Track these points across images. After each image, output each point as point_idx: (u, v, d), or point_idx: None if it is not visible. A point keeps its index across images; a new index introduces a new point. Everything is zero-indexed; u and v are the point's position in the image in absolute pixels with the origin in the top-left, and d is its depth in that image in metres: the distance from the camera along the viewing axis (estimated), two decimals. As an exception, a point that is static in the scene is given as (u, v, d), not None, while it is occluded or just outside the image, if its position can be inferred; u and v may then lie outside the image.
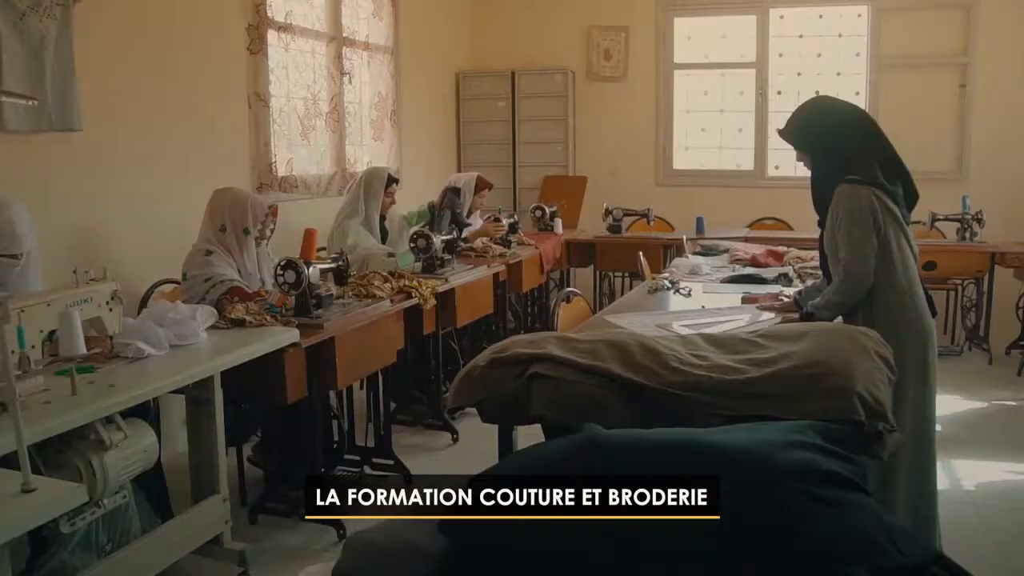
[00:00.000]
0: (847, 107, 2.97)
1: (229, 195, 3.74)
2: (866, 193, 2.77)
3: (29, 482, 1.85)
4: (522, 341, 2.13)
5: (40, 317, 2.39)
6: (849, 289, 2.79)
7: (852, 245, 2.76)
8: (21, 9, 3.56)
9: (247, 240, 3.69)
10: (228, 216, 3.67)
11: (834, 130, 2.85)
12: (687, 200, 7.22)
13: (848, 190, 2.78)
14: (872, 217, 2.76)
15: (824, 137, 2.85)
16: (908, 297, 2.81)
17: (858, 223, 2.75)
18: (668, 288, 3.91)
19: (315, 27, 5.66)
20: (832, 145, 2.84)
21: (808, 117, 2.92)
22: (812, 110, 2.95)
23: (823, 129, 2.86)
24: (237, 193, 3.76)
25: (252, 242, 3.71)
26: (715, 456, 1.48)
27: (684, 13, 7.55)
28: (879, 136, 2.89)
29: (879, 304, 2.79)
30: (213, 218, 3.70)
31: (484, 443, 4.31)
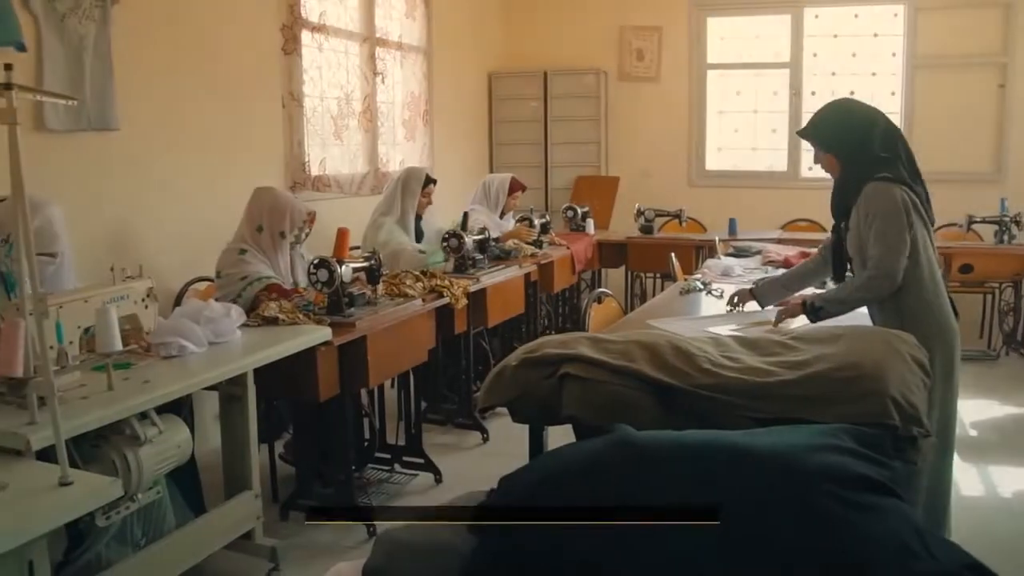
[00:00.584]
0: (871, 108, 2.93)
1: (269, 197, 3.76)
2: (898, 191, 2.73)
3: (67, 475, 1.88)
4: (553, 341, 2.14)
5: (77, 313, 2.43)
6: (877, 287, 2.73)
7: (887, 241, 2.70)
8: (61, 11, 3.61)
9: (282, 243, 3.71)
10: (266, 218, 3.69)
11: (862, 130, 2.81)
12: (720, 201, 7.18)
13: (880, 187, 2.74)
14: (906, 214, 2.73)
15: (853, 137, 2.82)
16: (936, 298, 2.78)
17: (892, 220, 2.70)
18: (700, 289, 3.89)
19: (348, 27, 5.70)
20: (862, 145, 2.80)
21: (835, 117, 2.89)
22: (838, 110, 2.92)
23: (852, 129, 2.83)
24: (277, 196, 3.78)
25: (287, 245, 3.74)
26: (746, 458, 1.47)
27: (718, 13, 7.50)
28: (901, 136, 2.87)
29: (908, 305, 2.74)
30: (251, 217, 3.73)
31: (514, 443, 4.32)
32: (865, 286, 2.76)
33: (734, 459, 1.47)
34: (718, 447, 1.51)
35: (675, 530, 1.37)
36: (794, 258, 4.63)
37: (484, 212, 5.49)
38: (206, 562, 2.96)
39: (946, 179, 6.57)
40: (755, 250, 5.14)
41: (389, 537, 1.63)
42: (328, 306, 3.39)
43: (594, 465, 1.48)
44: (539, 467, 1.63)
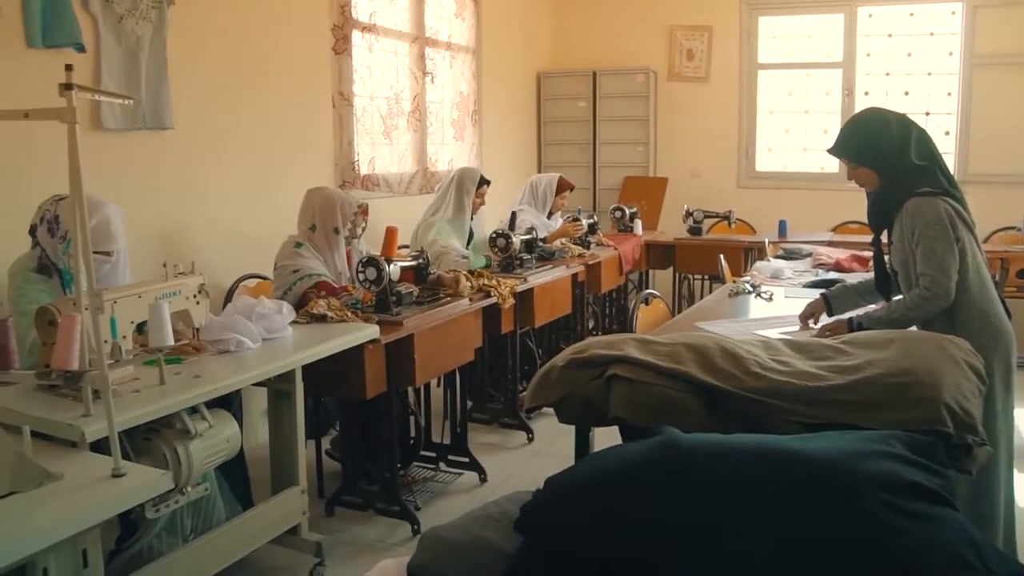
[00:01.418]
0: (901, 115, 2.80)
1: (320, 195, 3.80)
2: (941, 204, 2.64)
3: (119, 467, 1.92)
4: (601, 342, 2.13)
5: (131, 309, 2.46)
6: (930, 307, 2.65)
7: (936, 259, 2.63)
8: (119, 13, 3.68)
9: (337, 239, 3.74)
10: (318, 216, 3.73)
11: (898, 139, 2.70)
12: (769, 202, 7.10)
13: (923, 203, 2.65)
14: (951, 229, 2.64)
15: (889, 148, 2.71)
16: (988, 303, 2.70)
17: (939, 237, 2.62)
18: (749, 292, 3.85)
19: (398, 27, 5.73)
20: (898, 155, 2.70)
21: (866, 129, 2.77)
22: (869, 122, 2.79)
23: (887, 140, 2.71)
24: (327, 193, 3.82)
25: (342, 241, 3.77)
26: (795, 463, 1.45)
27: (769, 12, 7.41)
28: (932, 141, 2.77)
29: (960, 318, 2.66)
30: (304, 218, 3.77)
31: (559, 443, 4.35)
32: (918, 306, 2.68)
33: (783, 464, 1.45)
34: (767, 451, 1.49)
35: (722, 535, 1.36)
36: (845, 260, 4.56)
37: (532, 212, 5.49)
38: (253, 555, 3.00)
39: (1004, 181, 6.46)
40: (806, 252, 5.07)
41: (434, 535, 1.64)
42: (376, 304, 3.42)
43: (641, 467, 1.47)
44: (585, 468, 1.62)
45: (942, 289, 2.63)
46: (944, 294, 2.64)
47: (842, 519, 1.35)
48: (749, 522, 1.36)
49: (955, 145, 6.82)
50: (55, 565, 1.80)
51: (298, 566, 3.15)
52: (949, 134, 6.87)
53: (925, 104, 6.98)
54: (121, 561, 2.63)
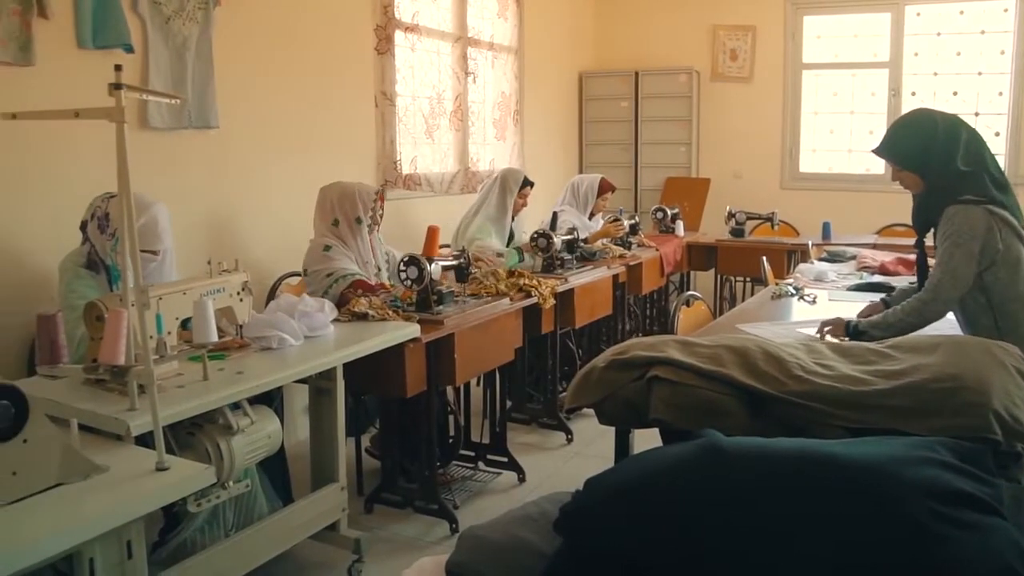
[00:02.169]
0: (952, 117, 2.73)
1: (336, 189, 3.84)
2: (980, 213, 2.58)
3: (163, 461, 1.94)
4: (642, 344, 2.11)
5: (176, 305, 2.50)
6: (928, 312, 2.61)
7: (950, 267, 2.58)
8: (167, 14, 3.74)
9: (360, 229, 3.79)
10: (338, 209, 3.78)
11: (945, 143, 2.64)
12: (813, 204, 7.02)
13: (960, 211, 2.60)
14: (984, 240, 2.57)
15: (936, 152, 2.65)
16: None
17: (960, 246, 2.57)
18: (792, 294, 3.81)
19: (441, 27, 5.75)
20: (945, 160, 2.64)
21: (914, 131, 2.71)
22: (917, 124, 2.73)
23: (934, 143, 2.65)
24: (342, 186, 3.86)
25: (365, 230, 3.80)
26: (839, 469, 1.43)
27: (814, 11, 7.33)
28: (985, 144, 2.70)
29: (1011, 321, 2.61)
30: (324, 214, 3.81)
31: (598, 444, 4.34)
32: (916, 310, 2.63)
33: (826, 469, 1.43)
34: (809, 456, 1.47)
35: (763, 540, 1.34)
36: (891, 264, 4.49)
37: (573, 213, 5.48)
38: (292, 551, 3.02)
39: (1056, 184, 6.32)
40: (850, 255, 5.01)
41: (472, 534, 1.64)
42: (417, 303, 3.43)
43: (682, 470, 1.46)
44: (626, 470, 1.61)
45: (946, 296, 2.60)
46: (946, 300, 2.60)
47: (887, 527, 1.32)
48: (791, 528, 1.35)
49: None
50: (100, 555, 1.83)
51: (337, 562, 3.17)
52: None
53: (975, 104, 6.86)
54: (164, 553, 2.67)
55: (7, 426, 1.70)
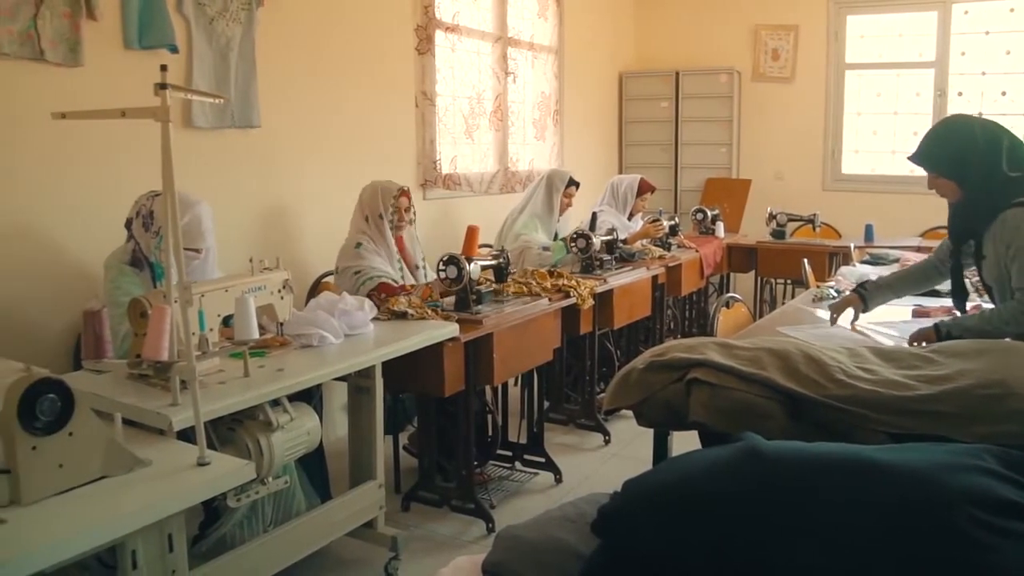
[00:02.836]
0: (990, 123, 2.66)
1: (367, 189, 3.94)
2: None
3: (204, 456, 1.96)
4: (681, 346, 2.10)
5: (218, 302, 2.52)
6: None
7: None
8: (210, 15, 3.78)
9: (382, 224, 3.85)
10: (367, 207, 3.88)
11: (987, 150, 2.58)
12: (856, 206, 6.94)
13: (1020, 215, 2.55)
14: None
15: (978, 160, 2.59)
16: None
17: None
18: (833, 297, 3.75)
19: (481, 27, 5.76)
20: (990, 167, 2.58)
21: (953, 139, 2.66)
22: (955, 131, 2.68)
23: (975, 151, 2.59)
24: (372, 185, 3.95)
25: (387, 226, 3.85)
26: (881, 475, 1.40)
27: (858, 11, 7.23)
28: None
29: None
30: (360, 210, 3.91)
31: (636, 446, 4.32)
32: (1017, 320, 2.56)
33: (868, 475, 1.41)
34: (851, 462, 1.45)
35: (803, 546, 1.33)
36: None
37: (612, 213, 5.47)
38: (329, 547, 3.05)
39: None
40: (893, 258, 4.94)
41: (510, 534, 1.64)
42: (456, 302, 3.44)
43: (721, 473, 1.44)
44: (664, 472, 1.60)
45: None
46: None
47: (931, 535, 1.30)
48: (831, 535, 1.33)
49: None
50: (143, 547, 1.86)
51: (373, 559, 3.18)
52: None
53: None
54: (204, 547, 2.70)
55: (54, 419, 1.73)
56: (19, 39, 3.07)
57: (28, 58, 3.12)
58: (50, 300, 3.25)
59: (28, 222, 3.21)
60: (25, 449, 1.70)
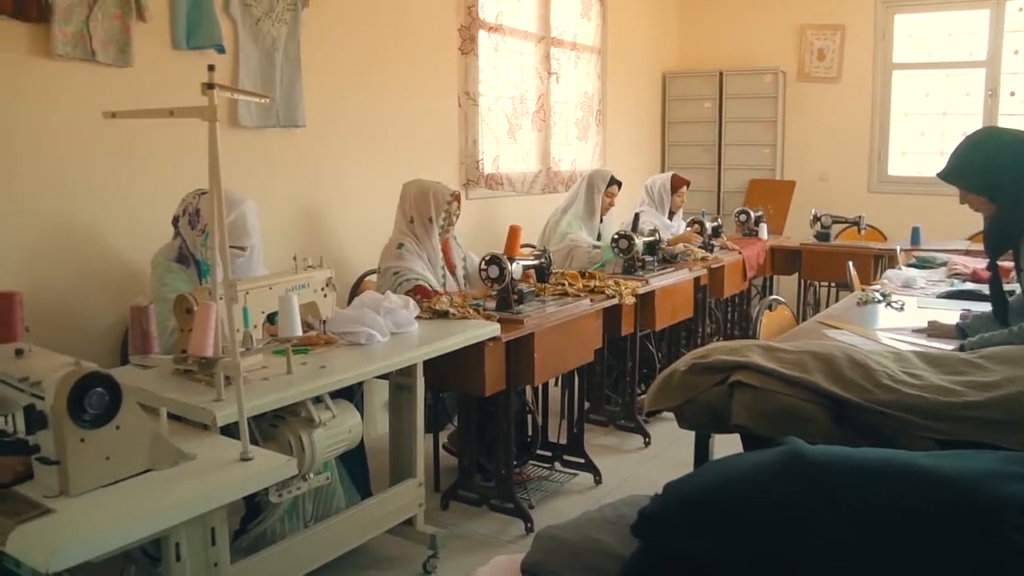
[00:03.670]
0: (1019, 133, 2.59)
1: (414, 187, 3.89)
2: None
3: (247, 451, 1.99)
4: (724, 348, 2.08)
5: (262, 300, 2.55)
6: None
7: None
8: (257, 15, 3.83)
9: (431, 229, 3.83)
10: (414, 207, 3.83)
11: (1018, 162, 2.51)
12: (902, 208, 6.84)
13: None
14: None
15: (1010, 174, 2.52)
16: None
17: None
18: (879, 301, 3.71)
19: (524, 28, 5.76)
20: (1021, 180, 2.51)
21: (982, 154, 2.59)
22: (984, 146, 2.61)
23: (1007, 165, 2.52)
24: (421, 184, 3.90)
25: (435, 230, 3.84)
26: (927, 482, 1.38)
27: (907, 9, 7.12)
28: None
29: None
30: (403, 210, 3.89)
31: (676, 449, 4.29)
32: None
33: (914, 482, 1.38)
34: (896, 468, 1.43)
35: (846, 552, 1.31)
36: (983, 271, 4.34)
37: (653, 214, 5.45)
38: (369, 544, 3.06)
39: None
40: (940, 261, 4.86)
41: (549, 534, 1.63)
42: (498, 302, 3.45)
43: (764, 477, 1.43)
44: (706, 475, 1.59)
45: None
46: None
47: (978, 544, 1.28)
48: (876, 541, 1.31)
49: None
50: (186, 540, 1.88)
51: (412, 557, 3.20)
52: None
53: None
54: (245, 541, 2.73)
55: (101, 413, 1.76)
56: (72, 41, 3.13)
57: (80, 59, 3.17)
58: (99, 296, 3.31)
59: (78, 219, 3.27)
60: (74, 441, 1.73)
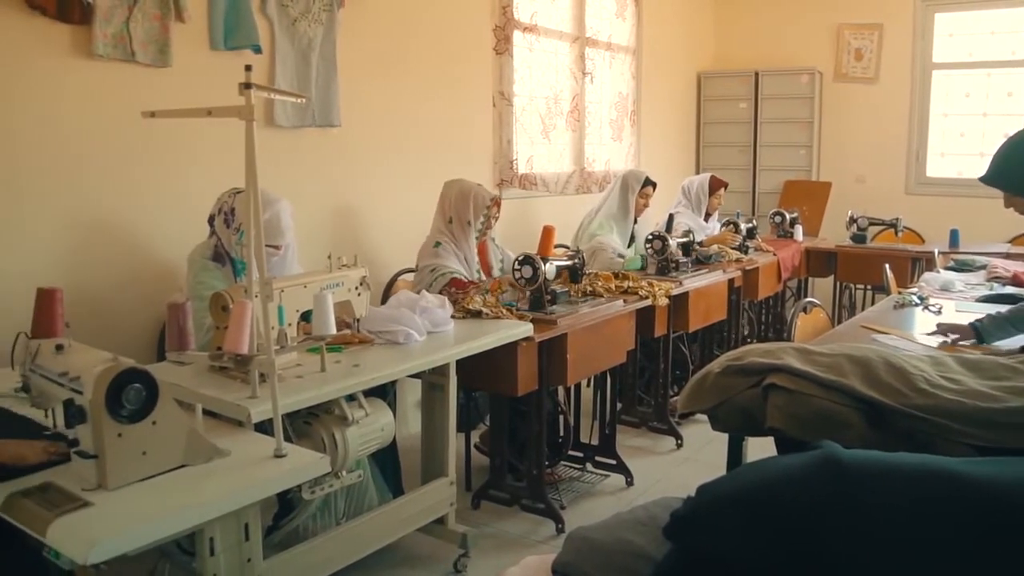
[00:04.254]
0: None
1: (455, 187, 3.91)
2: None
3: (281, 448, 2.00)
4: (759, 350, 2.07)
5: (297, 298, 2.57)
6: None
7: None
8: (293, 15, 3.86)
9: (469, 231, 3.85)
10: (454, 208, 3.86)
11: None
12: (940, 210, 6.75)
13: None
14: None
15: None
16: None
17: None
18: (916, 304, 3.65)
19: (559, 28, 5.76)
20: None
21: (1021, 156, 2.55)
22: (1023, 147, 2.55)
23: None
24: (463, 185, 3.92)
25: (472, 233, 3.86)
26: (965, 489, 1.36)
27: (947, 8, 7.01)
28: None
29: None
30: (443, 209, 3.91)
31: (709, 451, 4.27)
32: None
33: (951, 489, 1.36)
34: (934, 474, 1.41)
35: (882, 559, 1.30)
36: (1024, 274, 4.27)
37: (688, 215, 5.43)
38: (400, 542, 3.08)
39: None
40: (979, 264, 4.78)
41: (580, 535, 1.63)
42: (531, 302, 3.44)
43: (798, 482, 1.42)
44: (740, 478, 1.57)
45: None
46: None
47: (1015, 553, 1.26)
48: (912, 549, 1.29)
49: None
50: (220, 535, 1.90)
51: (443, 556, 3.21)
52: None
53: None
54: (277, 538, 2.75)
55: (139, 408, 1.78)
56: (113, 41, 3.18)
57: (120, 59, 3.22)
58: (137, 293, 3.35)
59: (118, 217, 3.31)
60: (112, 436, 1.75)
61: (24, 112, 3.01)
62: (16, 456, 1.86)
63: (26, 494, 1.75)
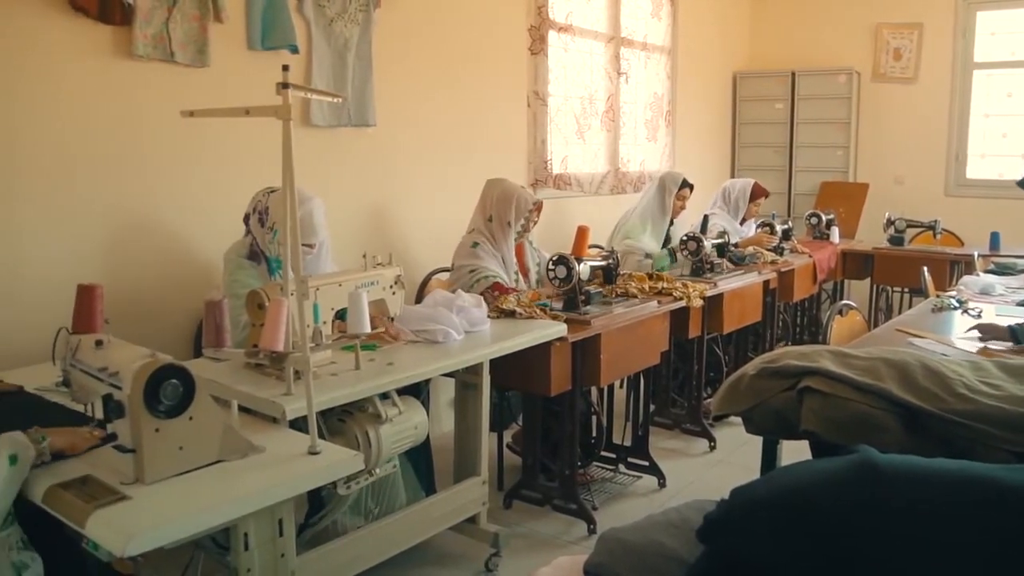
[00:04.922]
0: None
1: (498, 187, 3.91)
2: None
3: (315, 445, 2.02)
4: (794, 353, 2.05)
5: (332, 296, 2.59)
6: None
7: None
8: (330, 16, 3.88)
9: (508, 232, 3.86)
10: (495, 208, 3.87)
11: None
12: (981, 212, 6.66)
13: None
14: None
15: None
16: None
17: None
18: (955, 308, 3.60)
19: (594, 28, 5.75)
20: None
21: None
22: None
23: None
24: (506, 186, 3.92)
25: (512, 235, 3.86)
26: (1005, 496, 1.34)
27: (989, 7, 6.90)
28: None
29: None
30: (483, 208, 3.92)
31: (742, 454, 4.24)
32: None
33: (991, 495, 1.34)
34: (973, 480, 1.39)
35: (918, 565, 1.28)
36: (1067, 278, 4.20)
37: (724, 217, 5.39)
38: (431, 541, 3.08)
39: None
40: (1021, 267, 4.71)
41: (613, 536, 1.63)
42: (565, 303, 3.44)
43: (833, 486, 1.40)
44: (774, 481, 1.56)
45: None
46: None
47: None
48: (949, 555, 1.28)
49: None
50: (255, 531, 1.92)
51: (474, 555, 3.21)
52: None
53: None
54: (309, 534, 2.77)
55: (176, 404, 1.80)
56: (152, 42, 3.22)
57: (160, 59, 3.26)
58: (174, 290, 3.39)
59: (156, 216, 3.35)
60: (149, 430, 1.78)
61: (67, 111, 3.06)
62: (69, 445, 1.91)
63: (66, 486, 1.78)
